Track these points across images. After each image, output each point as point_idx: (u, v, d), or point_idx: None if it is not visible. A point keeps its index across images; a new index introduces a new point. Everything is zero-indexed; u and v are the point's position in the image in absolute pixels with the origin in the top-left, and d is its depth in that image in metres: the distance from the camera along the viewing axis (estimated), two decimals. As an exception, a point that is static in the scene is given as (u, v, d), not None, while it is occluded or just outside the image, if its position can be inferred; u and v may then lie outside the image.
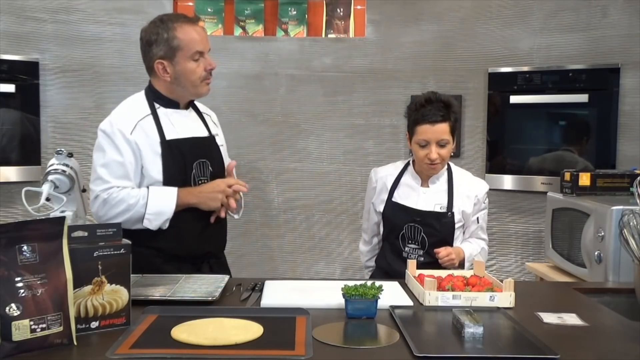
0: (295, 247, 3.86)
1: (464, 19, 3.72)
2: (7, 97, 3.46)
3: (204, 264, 2.17)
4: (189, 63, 2.08)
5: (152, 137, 2.06)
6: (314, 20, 3.95)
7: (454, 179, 2.29)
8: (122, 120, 2.07)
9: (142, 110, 2.10)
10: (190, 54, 2.08)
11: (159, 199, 2.02)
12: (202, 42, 2.10)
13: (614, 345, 1.47)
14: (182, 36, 2.07)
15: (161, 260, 2.08)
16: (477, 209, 2.31)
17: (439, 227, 2.23)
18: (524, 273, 3.63)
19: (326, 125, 3.87)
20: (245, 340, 1.38)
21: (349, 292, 1.59)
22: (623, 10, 3.38)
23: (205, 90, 2.16)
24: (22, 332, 1.30)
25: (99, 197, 2.03)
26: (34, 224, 1.35)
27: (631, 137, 3.37)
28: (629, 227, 1.82)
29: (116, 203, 2.01)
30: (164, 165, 2.05)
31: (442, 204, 2.25)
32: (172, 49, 2.07)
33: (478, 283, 1.84)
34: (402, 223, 2.26)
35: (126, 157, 2.03)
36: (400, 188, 2.31)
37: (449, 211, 2.24)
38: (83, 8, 3.65)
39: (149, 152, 2.05)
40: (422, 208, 2.26)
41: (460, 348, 1.39)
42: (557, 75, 3.51)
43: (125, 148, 2.03)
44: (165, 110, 2.13)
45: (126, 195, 2.02)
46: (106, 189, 2.02)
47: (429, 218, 2.24)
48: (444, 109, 2.18)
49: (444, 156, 2.20)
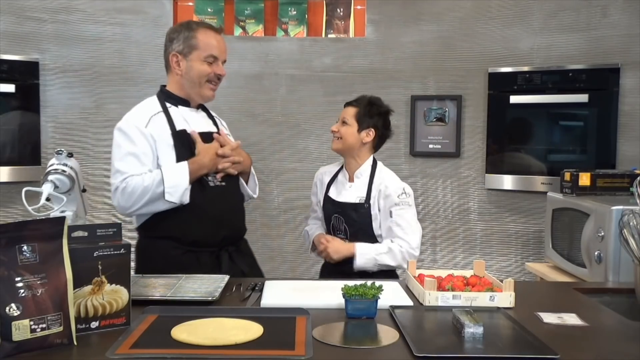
0: (295, 247, 3.86)
1: (464, 19, 3.72)
2: (7, 97, 3.46)
3: (223, 252, 2.21)
4: (201, 63, 2.21)
5: (165, 130, 2.17)
6: (314, 20, 3.95)
7: (375, 174, 2.45)
8: (136, 117, 2.19)
9: (154, 108, 2.22)
10: (205, 56, 2.21)
11: (173, 173, 2.10)
12: (218, 48, 2.24)
13: (614, 345, 1.47)
14: (202, 38, 2.21)
15: (181, 251, 2.15)
16: (391, 203, 2.37)
17: (356, 217, 2.40)
18: (524, 273, 3.63)
19: (326, 125, 3.84)
20: (245, 340, 1.38)
21: (349, 292, 1.59)
22: (623, 10, 3.38)
23: (208, 93, 2.26)
24: (22, 332, 1.30)
25: (118, 189, 2.10)
26: (34, 224, 1.35)
27: (631, 137, 3.36)
28: (629, 227, 1.82)
29: (133, 189, 2.08)
30: (177, 155, 2.14)
31: (361, 196, 2.42)
32: (189, 46, 2.20)
33: (478, 283, 1.84)
34: (330, 214, 2.48)
35: (142, 149, 2.12)
36: (335, 184, 2.53)
37: (366, 203, 2.39)
38: (83, 8, 3.65)
39: (163, 144, 2.15)
40: (345, 200, 2.44)
41: (460, 348, 1.39)
42: (557, 75, 3.51)
43: (140, 140, 2.13)
44: (176, 108, 2.25)
45: (140, 180, 2.08)
46: (124, 179, 2.10)
47: (348, 209, 2.42)
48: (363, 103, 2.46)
49: (340, 132, 2.44)
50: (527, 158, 3.64)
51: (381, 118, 2.46)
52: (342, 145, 2.46)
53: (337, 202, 2.45)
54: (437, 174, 3.82)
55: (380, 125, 2.46)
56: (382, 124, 2.47)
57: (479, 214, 3.76)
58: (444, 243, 3.83)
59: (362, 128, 2.43)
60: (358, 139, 2.43)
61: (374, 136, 2.45)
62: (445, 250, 3.83)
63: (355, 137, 2.43)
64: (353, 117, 2.44)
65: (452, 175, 3.80)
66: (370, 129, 2.43)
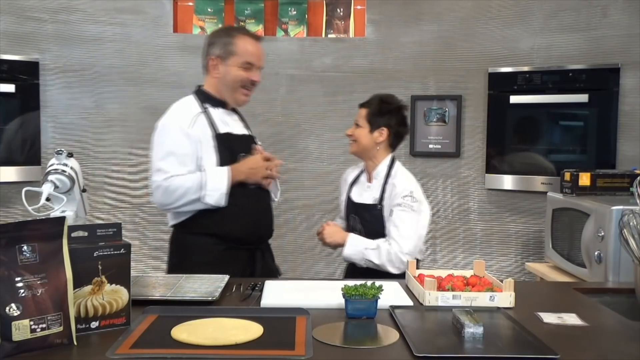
0: (295, 247, 3.86)
1: (464, 19, 3.72)
2: (7, 97, 3.46)
3: (257, 250, 2.34)
4: (237, 69, 2.28)
5: (207, 132, 2.24)
6: (314, 20, 3.95)
7: (390, 175, 2.41)
8: (179, 117, 2.26)
9: (195, 109, 2.29)
10: (241, 62, 2.28)
11: (214, 177, 2.19)
12: (255, 56, 2.31)
13: (614, 345, 1.47)
14: (240, 44, 2.29)
15: (222, 247, 2.25)
16: (394, 203, 2.34)
17: (369, 218, 2.39)
18: (524, 273, 3.63)
19: (326, 125, 3.87)
20: (245, 340, 1.38)
21: (349, 292, 1.59)
22: (623, 10, 3.38)
23: (242, 98, 2.35)
24: (22, 332, 1.30)
25: (160, 187, 2.19)
26: (34, 224, 1.35)
27: (631, 137, 3.36)
28: (629, 227, 1.82)
29: (175, 189, 2.18)
30: (220, 158, 2.23)
31: (376, 197, 2.41)
32: (227, 52, 2.28)
33: (478, 283, 1.84)
34: (348, 214, 2.50)
35: (184, 150, 2.20)
36: (356, 185, 2.52)
37: (379, 204, 2.38)
38: (83, 8, 3.65)
39: (205, 145, 2.22)
40: (362, 201, 2.44)
41: (460, 348, 1.39)
42: (557, 75, 3.51)
43: (184, 141, 2.20)
44: (214, 110, 2.31)
45: (183, 180, 2.18)
46: (166, 178, 2.18)
47: (362, 210, 2.43)
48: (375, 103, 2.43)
49: (354, 135, 2.44)
50: (527, 158, 3.64)
51: (393, 116, 2.41)
52: (357, 147, 2.45)
53: (354, 203, 2.46)
54: (437, 174, 3.82)
55: (394, 123, 2.41)
56: (395, 121, 2.42)
57: (479, 214, 3.76)
58: (444, 243, 3.83)
59: (374, 128, 2.41)
60: (371, 140, 2.41)
61: (387, 135, 2.41)
62: (445, 250, 3.83)
63: (368, 138, 2.41)
64: (364, 118, 2.43)
65: (452, 175, 3.80)
66: (382, 128, 2.40)
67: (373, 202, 2.39)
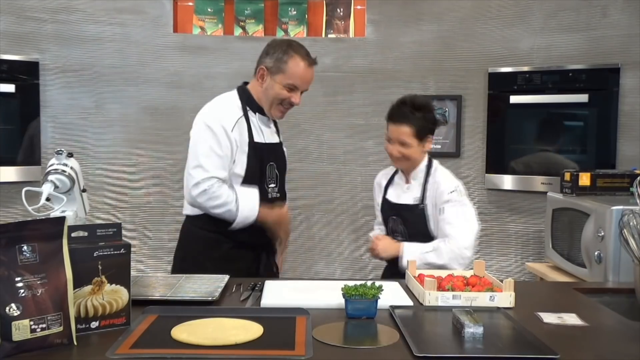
0: (295, 247, 3.86)
1: (464, 19, 3.72)
2: (7, 97, 3.46)
3: (263, 252, 2.40)
4: (281, 87, 2.30)
5: (244, 138, 2.29)
6: (314, 20, 3.95)
7: (430, 174, 2.39)
8: (224, 116, 2.28)
9: (238, 111, 2.32)
10: (286, 82, 2.30)
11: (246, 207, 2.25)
12: (302, 79, 2.32)
13: (614, 345, 1.47)
14: (292, 65, 2.29)
15: (229, 245, 2.30)
16: (442, 200, 2.32)
17: (412, 218, 2.36)
18: (524, 273, 3.63)
19: (326, 125, 3.87)
20: (245, 340, 1.38)
21: (349, 292, 1.59)
22: (623, 10, 3.38)
23: (276, 114, 2.38)
24: (22, 332, 1.30)
25: (200, 186, 2.22)
26: (34, 224, 1.35)
27: (631, 137, 3.36)
28: (629, 227, 1.82)
29: (215, 197, 2.22)
30: (248, 164, 2.28)
31: (417, 197, 2.38)
32: (278, 68, 2.30)
33: (478, 283, 1.84)
34: (387, 217, 2.44)
35: (226, 151, 2.24)
36: (392, 186, 2.47)
37: (421, 203, 2.35)
38: (83, 8, 3.65)
39: (240, 151, 2.27)
40: (402, 202, 2.40)
41: (460, 348, 1.39)
42: (557, 75, 3.51)
43: (225, 143, 2.24)
44: (253, 115, 2.35)
45: (224, 192, 2.22)
46: (207, 179, 2.21)
47: (404, 210, 2.39)
48: (411, 113, 2.30)
49: (405, 154, 2.32)
50: (527, 158, 3.64)
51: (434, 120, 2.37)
52: (408, 164, 2.37)
53: (394, 204, 2.41)
54: (437, 174, 3.81)
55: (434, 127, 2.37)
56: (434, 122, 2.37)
57: (479, 214, 3.74)
58: (444, 243, 3.82)
59: (423, 140, 2.33)
60: (421, 151, 2.36)
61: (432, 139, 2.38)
62: (445, 250, 3.83)
63: (419, 151, 2.35)
64: (411, 136, 2.30)
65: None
66: (428, 136, 2.35)
67: (414, 202, 2.36)
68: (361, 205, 3.81)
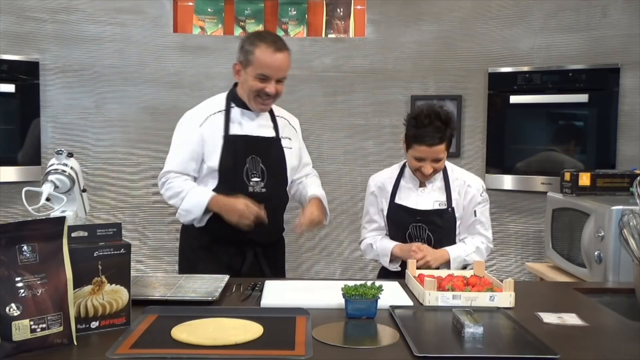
0: (295, 247, 3.86)
1: (464, 19, 3.72)
2: (7, 97, 3.46)
3: (249, 251, 2.33)
4: (252, 78, 2.27)
5: (218, 131, 2.28)
6: (314, 20, 3.95)
7: (449, 175, 2.35)
8: (197, 113, 2.34)
9: (216, 107, 2.34)
10: (257, 73, 2.26)
11: (193, 200, 2.25)
12: (271, 67, 2.26)
13: (614, 345, 1.47)
14: (258, 54, 2.25)
15: (208, 239, 2.30)
16: (475, 202, 2.33)
17: (441, 223, 2.30)
18: (524, 273, 3.63)
19: (326, 125, 3.87)
20: (245, 340, 1.38)
21: (349, 292, 1.59)
22: (623, 10, 3.38)
23: (257, 107, 2.33)
24: (22, 332, 1.30)
25: (160, 179, 2.32)
26: (34, 224, 1.35)
27: (631, 137, 3.36)
28: (629, 227, 1.82)
29: (168, 188, 2.29)
30: (221, 157, 2.26)
31: (440, 200, 2.32)
32: (247, 60, 2.28)
33: (478, 283, 1.84)
34: (407, 223, 2.32)
35: (192, 147, 2.27)
36: (401, 190, 2.37)
37: (449, 207, 2.31)
38: (83, 8, 3.65)
39: (211, 144, 2.27)
40: (423, 207, 2.31)
41: (460, 348, 1.39)
42: (557, 75, 3.51)
43: (192, 138, 2.27)
44: (238, 109, 2.35)
45: (176, 185, 2.27)
46: (165, 172, 2.30)
47: (432, 216, 2.30)
48: (443, 130, 2.19)
49: (437, 169, 2.27)
50: (527, 158, 3.64)
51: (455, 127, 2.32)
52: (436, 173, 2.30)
53: (416, 211, 2.30)
54: (437, 174, 3.82)
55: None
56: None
57: (479, 214, 3.75)
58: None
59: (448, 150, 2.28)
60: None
61: None
62: (445, 250, 3.83)
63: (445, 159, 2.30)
64: (445, 151, 2.24)
65: (452, 175, 3.80)
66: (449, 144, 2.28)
67: (441, 207, 2.29)
68: (361, 206, 3.80)
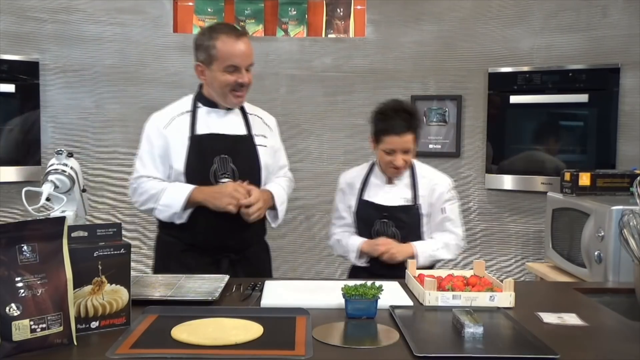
0: (295, 247, 3.86)
1: (464, 19, 3.72)
2: (7, 97, 3.46)
3: (224, 259, 2.21)
4: (222, 73, 2.17)
5: (183, 132, 2.20)
6: (314, 20, 3.95)
7: (416, 173, 2.40)
8: (161, 116, 2.27)
9: (182, 108, 2.27)
10: (225, 66, 2.16)
11: (172, 194, 2.16)
12: (239, 56, 2.17)
13: (614, 345, 1.47)
14: (221, 47, 2.15)
15: (179, 249, 2.22)
16: (442, 200, 2.36)
17: (407, 219, 2.34)
18: (524, 273, 3.63)
19: (326, 125, 3.87)
20: (245, 340, 1.38)
21: (349, 292, 1.59)
22: (623, 10, 3.38)
23: (233, 101, 2.24)
24: (22, 332, 1.30)
25: (131, 186, 2.26)
26: (34, 224, 1.35)
27: (631, 137, 3.36)
28: (629, 227, 1.82)
29: (142, 192, 2.21)
30: (187, 158, 2.18)
31: (406, 197, 2.37)
32: (210, 57, 2.17)
33: (478, 283, 1.84)
34: (373, 219, 2.37)
35: (157, 150, 2.20)
36: (369, 187, 2.42)
37: (415, 203, 2.35)
38: (83, 8, 3.65)
39: (177, 146, 2.19)
40: (389, 204, 2.36)
41: (460, 348, 1.39)
42: (557, 75, 3.51)
43: (157, 141, 2.21)
44: (205, 109, 2.26)
45: (150, 186, 2.19)
46: (135, 178, 2.23)
47: (397, 212, 2.35)
48: (409, 119, 2.30)
49: (408, 161, 2.33)
50: (527, 158, 3.64)
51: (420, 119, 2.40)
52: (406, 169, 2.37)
53: (382, 207, 2.35)
54: (437, 174, 3.82)
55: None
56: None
57: (479, 214, 3.76)
58: (444, 243, 3.82)
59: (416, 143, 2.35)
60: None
61: None
62: (445, 250, 3.83)
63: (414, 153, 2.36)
64: (413, 142, 2.32)
65: (452, 175, 3.75)
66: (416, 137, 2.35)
67: (407, 203, 2.34)
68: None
